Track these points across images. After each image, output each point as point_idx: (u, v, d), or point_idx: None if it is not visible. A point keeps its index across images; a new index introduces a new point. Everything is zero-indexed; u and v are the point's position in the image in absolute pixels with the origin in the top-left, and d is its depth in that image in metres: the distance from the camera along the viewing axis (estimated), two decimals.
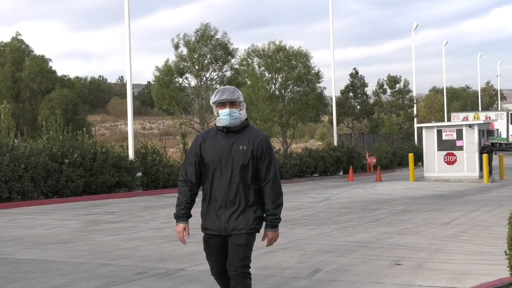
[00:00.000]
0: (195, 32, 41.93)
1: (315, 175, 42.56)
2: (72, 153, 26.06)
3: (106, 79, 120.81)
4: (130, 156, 28.99)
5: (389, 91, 64.78)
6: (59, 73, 69.35)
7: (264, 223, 6.14)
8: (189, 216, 6.11)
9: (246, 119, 6.16)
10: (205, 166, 6.07)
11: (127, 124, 33.27)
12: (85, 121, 63.90)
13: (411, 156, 37.14)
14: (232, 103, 6.04)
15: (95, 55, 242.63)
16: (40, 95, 63.34)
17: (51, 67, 66.25)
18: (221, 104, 6.06)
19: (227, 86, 6.25)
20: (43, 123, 32.23)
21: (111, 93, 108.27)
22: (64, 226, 16.15)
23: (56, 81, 64.88)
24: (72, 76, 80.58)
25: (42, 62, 64.31)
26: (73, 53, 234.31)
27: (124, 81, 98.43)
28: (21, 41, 65.73)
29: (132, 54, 30.15)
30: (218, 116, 6.10)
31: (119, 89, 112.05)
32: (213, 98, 6.12)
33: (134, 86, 33.22)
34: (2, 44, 66.17)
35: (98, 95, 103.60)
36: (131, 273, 9.66)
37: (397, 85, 64.17)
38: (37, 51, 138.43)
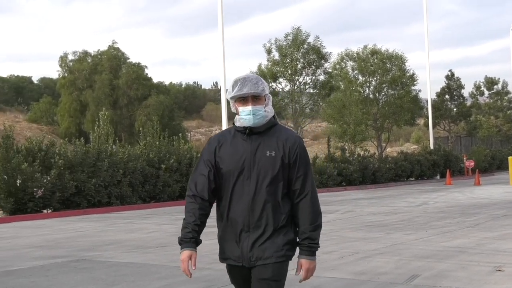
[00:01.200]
0: (285, 36, 42.01)
1: (411, 179, 41.98)
2: (168, 159, 26.53)
3: (201, 85, 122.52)
4: None
5: (486, 92, 63.37)
6: (155, 80, 70.70)
7: (297, 249, 4.67)
8: (198, 241, 4.57)
9: (274, 116, 4.71)
10: (221, 178, 4.59)
11: (221, 129, 33.61)
12: (180, 127, 64.92)
13: (511, 159, 36.14)
14: (255, 98, 4.59)
15: (190, 61, 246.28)
16: (137, 102, 64.69)
17: (147, 74, 67.65)
18: (242, 99, 4.60)
19: (248, 74, 4.72)
20: (140, 129, 32.92)
21: (206, 99, 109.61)
22: (161, 231, 16.43)
23: (152, 88, 66.16)
24: (167, 82, 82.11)
25: (138, 69, 65.73)
26: (168, 60, 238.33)
27: (219, 86, 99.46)
28: (117, 49, 67.33)
29: (226, 60, 30.43)
30: (238, 114, 4.64)
31: (213, 94, 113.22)
32: (231, 92, 4.64)
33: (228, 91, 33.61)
34: (100, 52, 67.84)
35: (193, 101, 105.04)
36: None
37: (495, 86, 62.72)
38: (133, 58, 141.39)
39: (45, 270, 10.63)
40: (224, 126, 30.62)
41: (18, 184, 21.68)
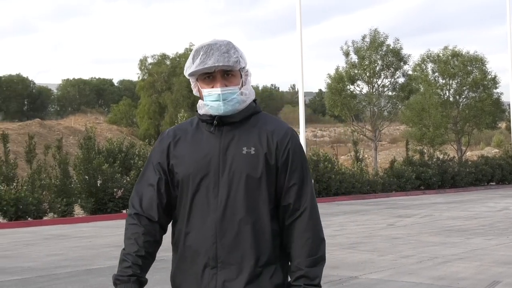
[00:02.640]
0: (361, 38, 41.81)
1: (491, 183, 41.16)
2: None
3: (278, 88, 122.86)
4: None
5: None
6: None
7: None
8: (142, 282, 3.13)
9: (255, 100, 3.27)
10: (176, 187, 3.17)
11: (299, 132, 33.62)
12: None
13: None
14: (227, 75, 3.14)
15: (268, 63, 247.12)
16: None
17: None
18: (206, 77, 3.15)
19: (215, 39, 3.25)
20: None
21: (283, 101, 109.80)
22: None
23: None
24: None
25: None
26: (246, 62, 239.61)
27: (296, 89, 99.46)
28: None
29: (303, 62, 30.44)
30: (201, 98, 3.19)
31: (290, 97, 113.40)
32: (190, 66, 3.19)
33: (305, 94, 33.53)
34: (178, 55, 68.69)
35: (271, 103, 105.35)
36: None
37: None
38: None
39: None
40: (302, 129, 30.60)
41: (98, 185, 22.23)
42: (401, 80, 42.85)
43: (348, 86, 41.95)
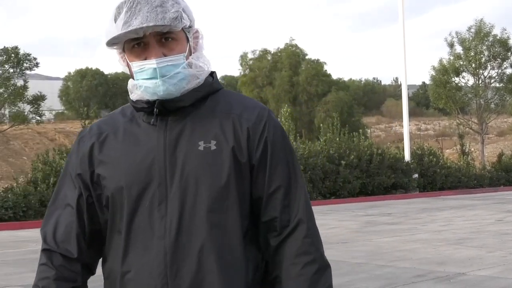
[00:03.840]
0: (467, 29, 40.89)
1: None
2: (348, 155, 26.59)
3: (380, 81, 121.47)
4: (406, 158, 28.92)
5: None
6: (334, 76, 70.81)
7: None
8: None
9: (212, 74, 2.30)
10: (106, 208, 2.25)
11: (402, 125, 33.20)
12: (360, 123, 64.71)
13: None
14: (165, 38, 2.17)
15: (369, 57, 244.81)
16: (316, 98, 65.14)
17: (326, 70, 67.88)
18: (134, 44, 2.17)
19: None
20: (320, 125, 33.16)
21: (386, 95, 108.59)
22: (342, 227, 16.49)
23: (332, 84, 66.35)
24: (346, 78, 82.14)
25: (317, 65, 66.15)
26: (347, 56, 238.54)
27: (399, 82, 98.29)
28: (296, 46, 68.05)
29: (406, 54, 30.02)
30: (132, 76, 2.23)
31: (393, 90, 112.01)
32: (109, 29, 2.17)
33: (408, 87, 33.10)
34: (279, 50, 68.93)
35: (373, 97, 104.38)
36: (410, 275, 9.61)
37: None
38: (311, 55, 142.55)
39: None
40: (405, 121, 30.20)
41: None
42: (509, 71, 41.65)
43: (453, 78, 41.09)
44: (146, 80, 2.13)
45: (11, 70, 38.18)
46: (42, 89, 43.77)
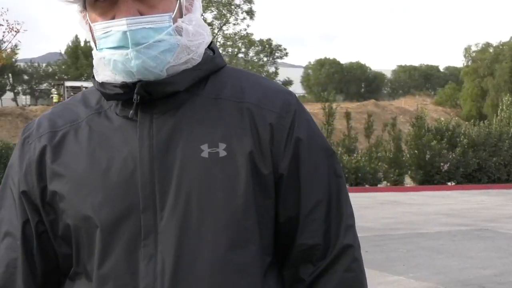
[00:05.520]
0: None
1: None
2: None
3: None
4: None
5: None
6: None
7: None
8: None
9: (211, 46, 1.43)
10: (63, 241, 1.38)
11: None
12: None
13: None
14: None
15: None
16: None
17: None
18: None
19: None
20: None
21: None
22: None
23: None
24: None
25: None
26: None
27: None
28: None
29: None
30: (95, 45, 1.35)
31: None
32: None
33: None
34: (501, 43, 65.72)
35: None
36: None
37: None
38: None
39: (451, 236, 10.75)
40: None
41: (426, 159, 22.60)
42: None
43: None
44: (112, 50, 1.30)
45: (265, 59, 39.73)
46: (288, 75, 44.97)
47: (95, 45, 1.35)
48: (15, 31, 25.11)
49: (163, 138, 1.32)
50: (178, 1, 1.34)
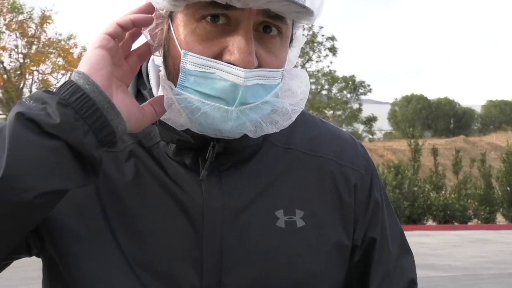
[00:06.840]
0: None
1: None
2: None
3: None
4: None
5: None
6: None
7: None
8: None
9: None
10: None
11: None
12: None
13: None
14: (268, 29, 0.99)
15: None
16: None
17: None
18: (205, 13, 0.96)
19: None
20: None
21: None
22: None
23: None
24: None
25: None
26: None
27: None
28: None
29: None
30: (170, 71, 1.03)
31: None
32: None
33: None
34: None
35: None
36: None
37: None
38: None
39: None
40: None
41: None
42: None
43: None
44: (208, 98, 0.98)
45: (348, 95, 39.57)
46: (374, 112, 44.65)
47: (170, 71, 1.02)
48: None
49: (235, 201, 1.05)
50: (289, 41, 1.05)
